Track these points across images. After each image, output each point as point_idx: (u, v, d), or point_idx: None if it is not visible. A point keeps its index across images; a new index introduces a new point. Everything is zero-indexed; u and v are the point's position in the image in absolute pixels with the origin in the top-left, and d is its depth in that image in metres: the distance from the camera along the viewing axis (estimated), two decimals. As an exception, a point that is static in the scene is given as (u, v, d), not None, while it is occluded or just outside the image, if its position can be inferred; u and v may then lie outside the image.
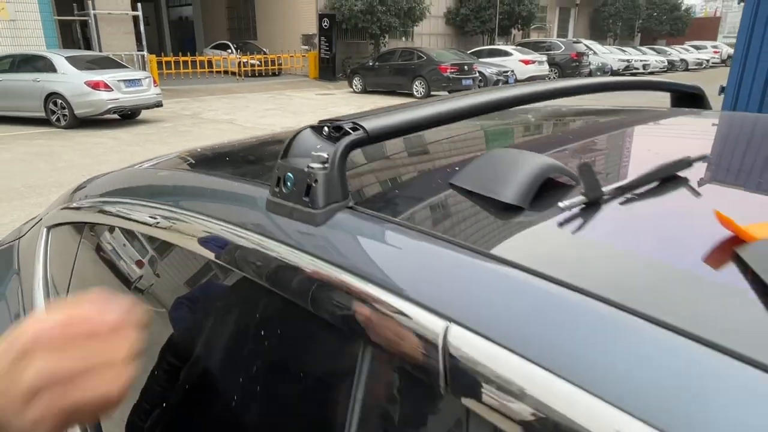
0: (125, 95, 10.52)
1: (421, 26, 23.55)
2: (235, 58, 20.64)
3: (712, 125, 1.09)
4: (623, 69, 23.77)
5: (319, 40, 20.70)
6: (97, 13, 15.40)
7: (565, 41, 22.84)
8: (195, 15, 28.11)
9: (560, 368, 0.33)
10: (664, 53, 29.02)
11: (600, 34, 34.82)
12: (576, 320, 0.35)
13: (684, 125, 1.12)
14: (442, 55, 16.75)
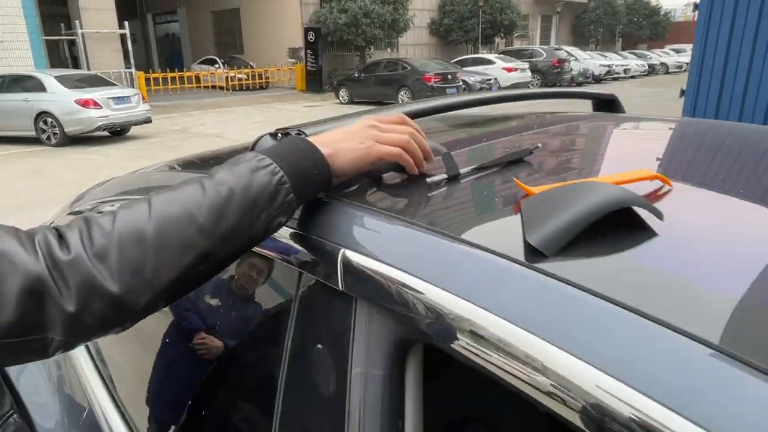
0: (114, 112, 10.71)
1: (406, 37, 23.96)
2: (222, 72, 20.90)
3: (607, 125, 1.32)
4: (605, 74, 24.28)
5: (305, 53, 21.01)
6: (84, 32, 15.62)
7: (547, 48, 23.31)
8: (182, 31, 28.38)
9: (416, 270, 0.56)
10: (644, 57, 29.64)
11: (582, 40, 35.48)
12: (424, 245, 0.58)
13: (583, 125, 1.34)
14: (426, 65, 17.09)
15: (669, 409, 0.37)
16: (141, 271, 0.51)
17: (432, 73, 16.05)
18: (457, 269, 0.54)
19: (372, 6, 19.98)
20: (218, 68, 21.50)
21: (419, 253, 0.57)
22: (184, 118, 14.53)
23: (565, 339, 0.45)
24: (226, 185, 0.55)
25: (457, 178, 0.73)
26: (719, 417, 0.36)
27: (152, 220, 0.52)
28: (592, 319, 0.45)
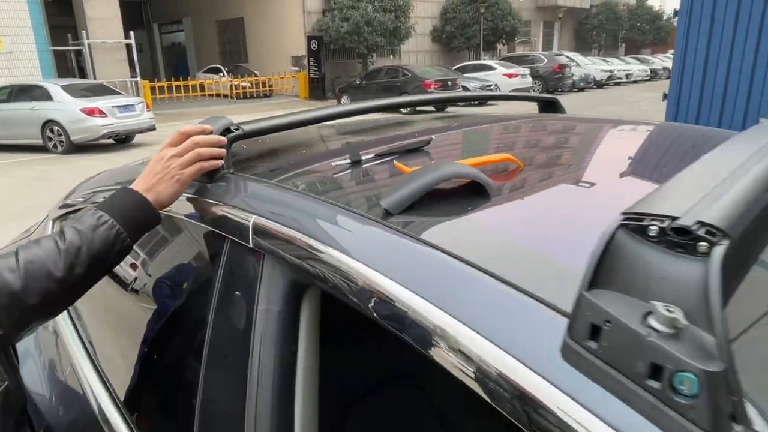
0: (119, 120, 10.97)
1: (408, 44, 24.21)
2: (226, 81, 21.22)
3: (520, 123, 1.46)
4: (606, 79, 24.41)
5: (308, 61, 21.30)
6: (91, 42, 15.96)
7: (548, 54, 23.48)
8: (187, 40, 28.81)
9: (305, 230, 0.72)
10: (646, 62, 29.73)
11: (585, 46, 35.63)
12: (312, 211, 0.74)
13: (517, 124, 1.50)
14: (426, 72, 17.31)
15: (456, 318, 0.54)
16: (14, 312, 0.70)
17: (432, 80, 16.26)
18: (334, 228, 0.71)
19: (374, 14, 20.25)
20: (223, 77, 21.83)
21: (308, 216, 0.74)
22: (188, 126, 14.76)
23: (394, 273, 0.61)
24: (74, 245, 0.75)
25: (359, 163, 0.90)
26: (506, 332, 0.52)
27: (20, 278, 0.71)
28: (414, 256, 0.62)
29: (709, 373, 0.38)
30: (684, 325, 0.40)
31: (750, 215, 0.46)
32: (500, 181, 0.77)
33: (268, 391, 0.74)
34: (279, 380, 0.74)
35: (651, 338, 0.41)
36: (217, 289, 0.83)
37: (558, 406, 0.45)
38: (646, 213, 0.46)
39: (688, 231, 0.43)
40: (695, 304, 0.41)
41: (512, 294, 0.53)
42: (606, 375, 0.43)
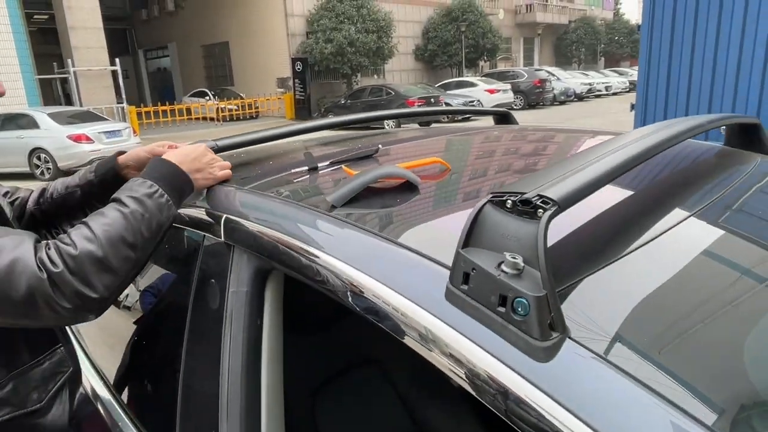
0: (106, 146, 11.10)
1: (392, 63, 24.66)
2: (213, 104, 21.44)
3: (490, 136, 1.64)
4: (586, 92, 24.98)
5: (294, 83, 21.62)
6: (77, 70, 16.12)
7: (528, 69, 24.02)
8: (173, 65, 29.10)
9: (266, 223, 0.88)
10: (625, 74, 30.48)
11: (565, 60, 36.43)
12: (272, 208, 0.90)
13: (473, 135, 1.66)
14: (410, 90, 17.66)
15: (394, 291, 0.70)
16: (104, 278, 0.78)
17: (415, 98, 16.60)
18: (288, 220, 0.87)
19: (356, 35, 20.66)
20: (209, 100, 22.06)
21: (267, 213, 0.90)
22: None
23: (342, 254, 0.77)
24: (138, 212, 0.84)
25: (316, 170, 1.07)
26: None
27: (100, 246, 0.79)
28: (350, 238, 0.78)
29: (535, 297, 0.54)
30: (522, 267, 0.57)
31: (578, 193, 0.63)
32: (428, 180, 0.94)
33: (238, 361, 0.89)
34: (247, 351, 0.89)
35: (500, 277, 0.57)
36: (196, 279, 0.99)
37: (444, 336, 0.61)
38: (506, 191, 0.63)
39: (530, 201, 0.60)
40: (531, 252, 0.57)
41: (416, 258, 0.69)
42: (473, 308, 0.59)
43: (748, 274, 0.77)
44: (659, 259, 0.74)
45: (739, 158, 1.35)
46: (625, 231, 0.80)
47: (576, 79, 25.67)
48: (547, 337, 0.54)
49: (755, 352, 0.61)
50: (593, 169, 0.69)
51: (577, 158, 0.75)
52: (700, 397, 0.51)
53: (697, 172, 1.16)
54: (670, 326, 0.62)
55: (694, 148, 1.42)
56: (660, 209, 0.90)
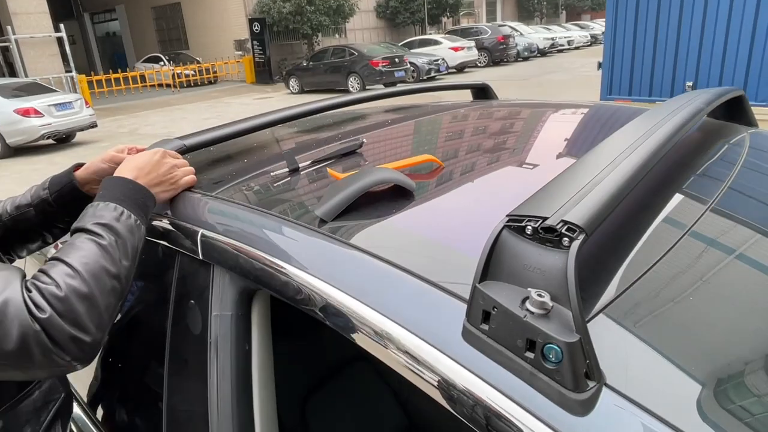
0: (57, 119, 10.53)
1: (353, 22, 23.97)
2: (168, 70, 20.52)
3: (478, 112, 1.56)
4: (549, 47, 24.89)
5: (252, 45, 20.82)
6: (18, 37, 15.10)
7: (491, 26, 23.70)
8: (122, 29, 27.60)
9: (247, 240, 0.80)
10: (587, 28, 30.45)
11: (527, 15, 36.12)
12: (253, 222, 0.82)
13: (457, 113, 1.57)
14: (373, 50, 17.22)
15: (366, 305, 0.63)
16: (93, 315, 0.69)
17: (379, 58, 16.21)
18: (272, 236, 0.79)
19: (315, -7, 19.93)
20: (164, 66, 21.10)
21: (249, 227, 0.82)
22: (132, 119, 14.31)
23: (330, 277, 0.70)
24: (113, 239, 0.76)
25: (297, 171, 0.98)
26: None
27: (84, 282, 0.70)
28: (344, 260, 0.71)
29: (568, 344, 0.48)
30: (551, 306, 0.51)
31: (604, 213, 0.57)
32: (422, 181, 0.87)
33: (227, 389, 0.82)
34: (236, 378, 0.82)
35: (527, 319, 0.51)
36: (173, 299, 0.90)
37: (462, 379, 0.55)
38: (524, 215, 0.56)
39: (554, 229, 0.54)
40: (559, 287, 0.51)
41: (424, 287, 0.62)
42: (495, 350, 0.53)
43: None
44: (689, 269, 0.69)
45: (728, 132, 1.31)
46: (637, 237, 0.75)
47: (539, 34, 25.50)
48: (583, 388, 0.49)
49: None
50: (612, 182, 0.62)
51: (590, 167, 0.68)
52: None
53: (694, 154, 1.11)
54: (723, 358, 0.57)
55: None
56: (667, 203, 0.85)
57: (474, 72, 19.90)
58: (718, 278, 0.69)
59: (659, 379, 0.52)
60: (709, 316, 0.62)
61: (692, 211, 0.81)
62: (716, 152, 1.11)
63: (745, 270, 0.73)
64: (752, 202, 0.93)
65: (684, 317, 0.61)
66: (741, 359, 0.57)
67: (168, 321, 0.91)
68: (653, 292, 0.63)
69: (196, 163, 1.16)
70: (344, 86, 16.63)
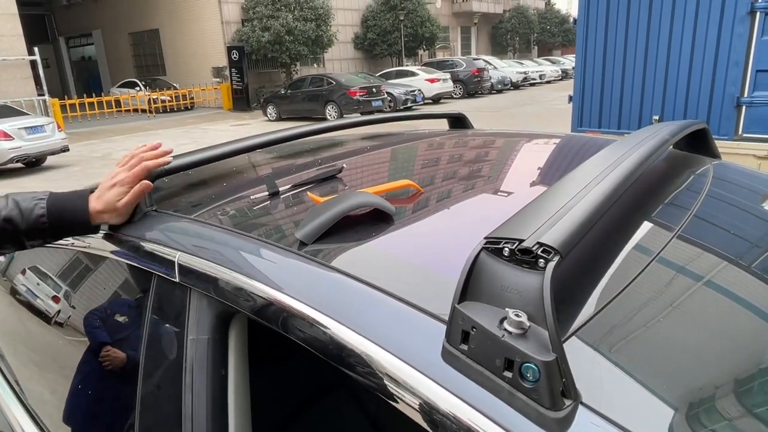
0: (27, 143, 10.33)
1: (332, 52, 24.32)
2: (144, 95, 20.42)
3: (453, 142, 1.59)
4: (522, 80, 25.61)
5: (230, 72, 20.91)
6: (-11, 60, 14.89)
7: (466, 59, 24.33)
8: (98, 54, 27.44)
9: (225, 262, 0.80)
10: (558, 63, 31.49)
11: (501, 49, 37.21)
12: (230, 244, 0.82)
13: (431, 142, 1.61)
14: (351, 80, 17.46)
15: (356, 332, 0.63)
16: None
17: (357, 87, 16.43)
18: (251, 259, 0.79)
19: (294, 23, 20.19)
20: (139, 91, 20.99)
21: (229, 250, 0.81)
22: (106, 144, 14.12)
23: (309, 299, 0.70)
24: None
25: (277, 194, 0.98)
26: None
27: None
28: (324, 282, 0.71)
29: (545, 363, 0.49)
30: (528, 326, 0.52)
31: (578, 236, 0.59)
32: (401, 205, 0.88)
33: (203, 414, 0.80)
34: (212, 403, 0.80)
35: (505, 338, 0.52)
36: (147, 322, 0.89)
37: (443, 400, 0.56)
38: (501, 237, 0.58)
39: (530, 251, 0.55)
40: (535, 308, 0.53)
41: (404, 309, 0.63)
42: (475, 371, 0.54)
43: (753, 294, 0.75)
44: (659, 292, 0.71)
45: (693, 163, 1.37)
46: (610, 262, 0.77)
47: (512, 68, 26.26)
48: (560, 406, 0.50)
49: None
50: (587, 206, 0.65)
51: (563, 192, 0.71)
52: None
53: (662, 183, 1.15)
54: (695, 376, 0.58)
55: None
56: (637, 230, 0.88)
57: (449, 103, 20.29)
58: (686, 301, 0.71)
59: (633, 397, 0.54)
60: (679, 338, 0.64)
61: (660, 237, 0.84)
62: (682, 182, 1.15)
63: (711, 294, 0.76)
64: (715, 229, 0.97)
65: (655, 338, 0.63)
66: (711, 380, 0.59)
67: (142, 345, 0.89)
68: (625, 314, 0.65)
69: (174, 186, 1.16)
70: (322, 114, 16.75)
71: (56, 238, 0.96)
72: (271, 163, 1.38)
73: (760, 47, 4.55)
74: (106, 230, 0.98)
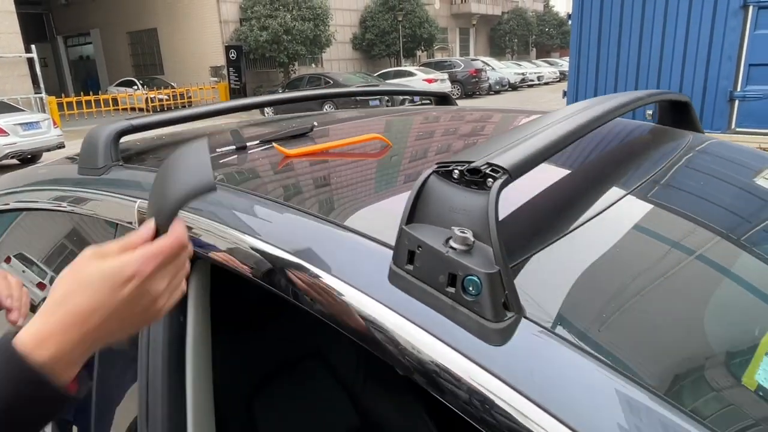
0: (23, 139, 10.31)
1: (330, 52, 24.34)
2: (141, 94, 20.40)
3: (432, 116, 1.59)
4: (520, 81, 25.64)
5: (228, 71, 20.92)
6: (-14, 57, 14.88)
7: (464, 59, 24.37)
8: (96, 53, 27.43)
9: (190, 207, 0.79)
10: (556, 65, 31.55)
11: (499, 51, 37.27)
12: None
13: (409, 114, 1.60)
14: (348, 79, 17.48)
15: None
16: None
17: (354, 87, 16.45)
18: (213, 203, 0.78)
19: (293, 23, 20.21)
20: (137, 90, 20.97)
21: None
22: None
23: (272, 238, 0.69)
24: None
25: (244, 149, 0.97)
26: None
27: None
28: (282, 221, 0.70)
29: (487, 274, 0.49)
30: (473, 242, 0.51)
31: (529, 161, 0.58)
32: (368, 157, 0.88)
33: (159, 363, 0.79)
34: (169, 351, 0.79)
35: (449, 254, 0.51)
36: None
37: (387, 322, 0.55)
38: (452, 161, 0.57)
39: (479, 170, 0.54)
40: (481, 225, 0.52)
41: (354, 239, 0.62)
42: (420, 289, 0.53)
43: (682, 248, 0.76)
44: (604, 234, 0.72)
45: (672, 135, 1.37)
46: (570, 207, 0.77)
47: (510, 69, 26.29)
48: (501, 317, 0.49)
49: (691, 321, 0.60)
50: (542, 138, 0.64)
51: (523, 128, 0.70)
52: (644, 366, 0.48)
53: (633, 149, 1.16)
54: (614, 299, 0.59)
55: (630, 126, 1.43)
56: (601, 186, 0.88)
57: (447, 103, 20.28)
58: (629, 243, 0.72)
59: (576, 316, 0.53)
60: (619, 272, 0.65)
61: (619, 194, 0.84)
62: (661, 151, 1.15)
63: (657, 243, 0.77)
64: (679, 192, 0.97)
65: (596, 269, 0.63)
66: (644, 296, 0.60)
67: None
68: (574, 249, 0.65)
69: (146, 146, 1.15)
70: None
71: None
72: (246, 127, 1.37)
73: (753, 41, 4.56)
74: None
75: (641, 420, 0.43)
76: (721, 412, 0.48)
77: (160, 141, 1.17)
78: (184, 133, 1.25)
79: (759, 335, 0.59)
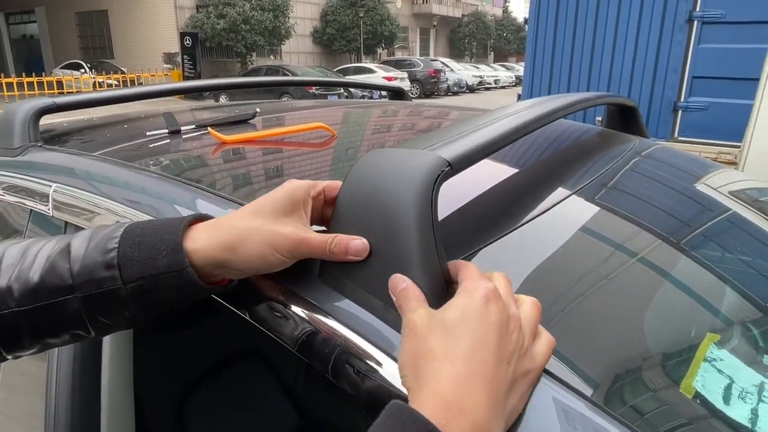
0: (-45, 119, 9.66)
1: (289, 45, 23.99)
2: (89, 77, 19.50)
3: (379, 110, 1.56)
4: (477, 84, 26.03)
5: (183, 59, 20.29)
6: None
7: (424, 59, 24.53)
8: (41, 33, 26.05)
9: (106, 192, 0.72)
10: (512, 69, 32.22)
11: (458, 53, 37.76)
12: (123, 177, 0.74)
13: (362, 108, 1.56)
14: (307, 73, 17.29)
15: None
16: None
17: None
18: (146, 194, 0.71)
19: (251, 12, 19.80)
20: (84, 73, 20.02)
21: (107, 181, 0.74)
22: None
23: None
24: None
25: (178, 133, 0.91)
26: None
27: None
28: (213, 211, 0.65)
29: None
30: None
31: (472, 155, 0.56)
32: (314, 147, 0.83)
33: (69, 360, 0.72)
34: (82, 347, 0.72)
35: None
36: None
37: (318, 318, 0.51)
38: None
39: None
40: None
41: None
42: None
43: (624, 250, 0.76)
44: (545, 234, 0.70)
45: (619, 139, 1.39)
46: (512, 206, 0.75)
47: (468, 71, 26.65)
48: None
49: (630, 325, 0.59)
50: (488, 132, 0.62)
51: (469, 122, 0.67)
52: (579, 370, 0.47)
53: (580, 151, 1.16)
54: (554, 302, 0.57)
55: (578, 128, 1.44)
56: (546, 186, 0.87)
57: (406, 102, 20.38)
58: (570, 245, 0.71)
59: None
60: (559, 269, 0.64)
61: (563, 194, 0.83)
62: (606, 154, 1.16)
63: (598, 245, 0.76)
64: (626, 196, 0.97)
65: (538, 268, 0.62)
66: (583, 299, 0.59)
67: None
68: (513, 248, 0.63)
69: (76, 128, 1.07)
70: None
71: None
72: (188, 112, 1.30)
73: (697, 54, 4.76)
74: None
75: (575, 428, 0.41)
76: (657, 419, 0.47)
77: (87, 122, 1.08)
78: (117, 116, 1.16)
79: (697, 340, 0.59)
